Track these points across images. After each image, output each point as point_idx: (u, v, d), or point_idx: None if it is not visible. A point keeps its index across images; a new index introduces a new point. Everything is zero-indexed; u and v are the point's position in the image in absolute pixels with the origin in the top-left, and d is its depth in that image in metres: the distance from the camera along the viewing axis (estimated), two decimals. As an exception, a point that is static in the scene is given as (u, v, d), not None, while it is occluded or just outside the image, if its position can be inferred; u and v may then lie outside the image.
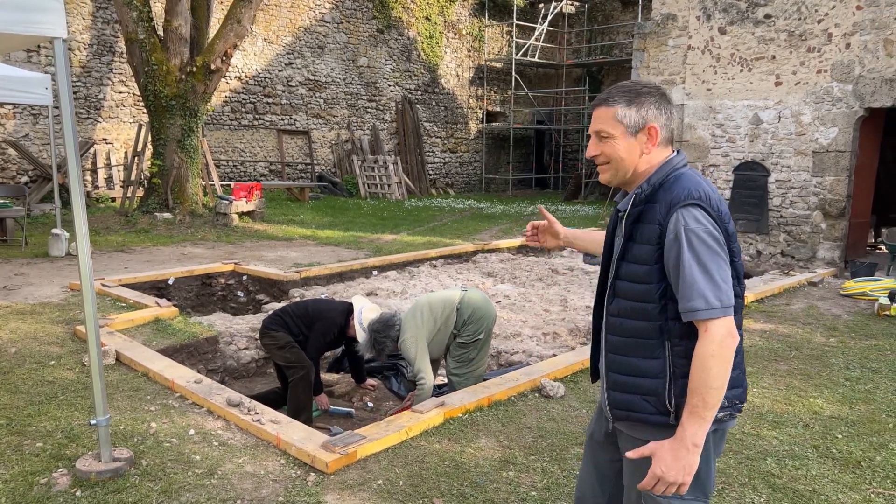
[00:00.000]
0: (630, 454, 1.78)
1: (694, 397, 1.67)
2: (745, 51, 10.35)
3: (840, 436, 3.79)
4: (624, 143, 1.82)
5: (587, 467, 2.14)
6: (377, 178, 17.68)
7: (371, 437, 3.52)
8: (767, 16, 10.08)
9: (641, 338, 1.80)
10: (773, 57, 10.07)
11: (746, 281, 8.29)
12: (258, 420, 3.71)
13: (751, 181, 10.46)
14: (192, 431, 3.66)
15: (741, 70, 10.42)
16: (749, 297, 6.87)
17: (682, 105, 11.09)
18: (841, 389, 4.52)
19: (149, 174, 11.72)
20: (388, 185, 17.47)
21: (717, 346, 1.66)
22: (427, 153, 20.34)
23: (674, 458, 1.67)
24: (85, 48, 13.50)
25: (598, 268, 2.10)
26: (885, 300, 6.36)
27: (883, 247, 10.31)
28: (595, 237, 2.29)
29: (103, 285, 6.58)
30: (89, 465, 3.18)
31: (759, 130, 10.34)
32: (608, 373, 1.89)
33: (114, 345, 4.82)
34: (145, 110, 11.97)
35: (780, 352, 5.33)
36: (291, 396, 4.90)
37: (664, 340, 1.77)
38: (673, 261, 1.72)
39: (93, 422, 3.18)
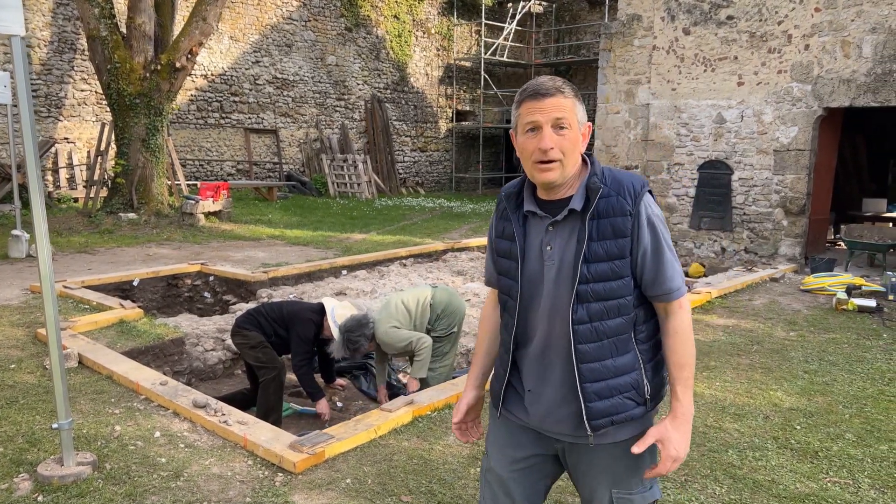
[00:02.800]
0: (636, 448, 1.71)
1: (684, 371, 1.74)
2: (708, 51, 10.54)
3: (798, 427, 3.90)
4: (576, 136, 1.72)
5: (500, 500, 1.94)
6: (346, 177, 17.61)
7: (339, 436, 3.52)
8: (730, 17, 10.28)
9: (617, 335, 1.76)
10: (736, 57, 10.27)
11: (711, 277, 8.45)
12: (225, 421, 3.68)
13: (715, 179, 10.66)
14: (157, 434, 3.62)
15: (705, 70, 10.61)
16: (713, 292, 7.01)
17: (648, 105, 11.25)
18: (800, 382, 4.64)
19: (112, 174, 11.51)
20: (358, 185, 17.40)
21: (690, 318, 1.78)
22: (397, 152, 20.31)
23: (682, 434, 1.70)
24: (45, 45, 13.21)
25: None
26: (842, 295, 6.53)
27: (842, 243, 10.59)
28: (489, 345, 2.02)
29: (65, 287, 6.45)
30: (51, 469, 3.13)
31: (723, 129, 10.54)
32: (583, 385, 1.75)
33: (76, 347, 4.74)
34: (108, 109, 11.75)
35: (742, 346, 5.45)
36: (262, 397, 4.86)
37: (631, 331, 1.78)
38: (651, 247, 1.74)
39: (55, 425, 3.13)
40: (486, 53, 21.45)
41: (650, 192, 1.77)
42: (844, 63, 9.32)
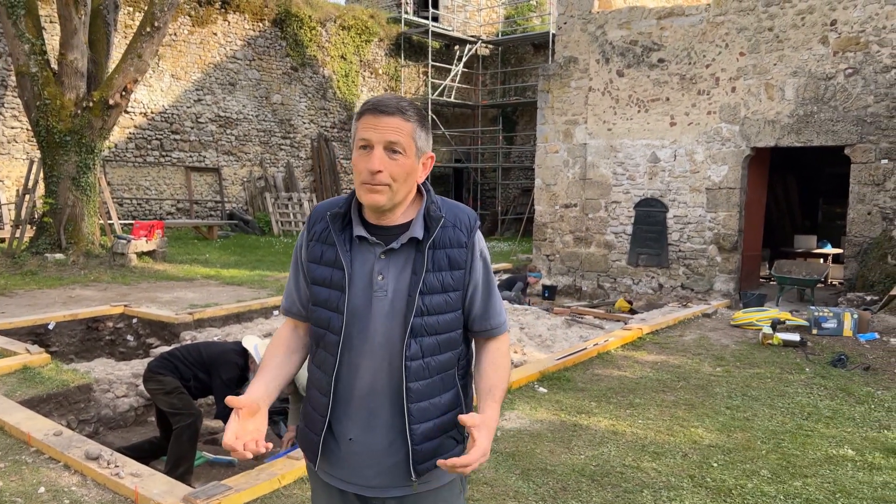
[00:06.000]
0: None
1: (499, 390, 1.70)
2: (641, 92, 10.82)
3: (716, 464, 3.86)
4: (412, 164, 1.62)
5: None
6: (291, 215, 17.40)
7: (238, 487, 3.32)
8: (661, 60, 10.59)
9: (445, 371, 1.69)
10: (668, 99, 10.56)
11: (646, 314, 8.51)
12: (117, 473, 3.45)
13: (651, 217, 10.85)
14: (42, 489, 3.37)
15: (639, 111, 10.88)
16: (645, 328, 7.03)
17: (586, 144, 11.44)
18: (721, 418, 4.63)
19: (40, 213, 11.10)
20: (303, 223, 17.18)
21: (508, 347, 1.82)
22: (344, 190, 20.19)
23: (491, 432, 1.61)
24: (-26, 81, 12.82)
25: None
26: (768, 329, 6.63)
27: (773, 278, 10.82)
28: (280, 362, 1.76)
29: (-29, 332, 6.10)
30: (-89, 533, 2.86)
31: (657, 168, 10.77)
32: (412, 426, 1.62)
33: (-31, 397, 4.44)
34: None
35: (668, 382, 5.43)
36: (174, 445, 4.60)
37: (456, 366, 1.74)
38: (483, 281, 1.73)
39: (-84, 484, 2.87)
40: (433, 94, 21.68)
41: (479, 227, 1.76)
42: (769, 105, 9.66)
